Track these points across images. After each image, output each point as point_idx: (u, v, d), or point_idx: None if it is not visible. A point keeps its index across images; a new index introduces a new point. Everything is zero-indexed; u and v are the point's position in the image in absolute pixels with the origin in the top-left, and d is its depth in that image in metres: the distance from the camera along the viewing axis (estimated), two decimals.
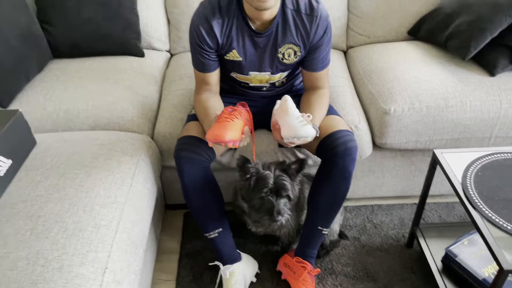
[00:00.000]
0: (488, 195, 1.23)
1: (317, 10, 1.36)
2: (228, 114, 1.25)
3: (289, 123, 1.27)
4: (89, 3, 1.84)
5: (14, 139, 1.27)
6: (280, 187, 1.32)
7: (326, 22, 1.39)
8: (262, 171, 1.35)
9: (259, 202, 1.35)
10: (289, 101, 1.31)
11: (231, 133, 1.20)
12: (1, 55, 1.57)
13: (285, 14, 1.35)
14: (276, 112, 1.35)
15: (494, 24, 1.65)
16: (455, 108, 1.59)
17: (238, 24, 1.35)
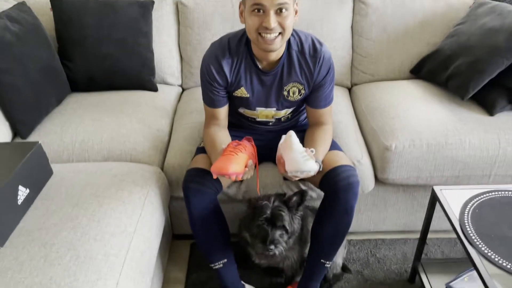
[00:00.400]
0: (485, 232, 1.26)
1: (320, 52, 1.44)
2: (233, 148, 1.32)
3: (293, 158, 1.33)
4: (108, 41, 1.96)
5: (32, 169, 1.34)
6: (276, 218, 1.38)
7: (329, 63, 1.47)
8: (262, 202, 1.41)
9: (256, 231, 1.41)
10: (293, 136, 1.37)
11: (235, 166, 1.26)
12: (23, 89, 1.67)
13: (290, 55, 1.44)
14: (281, 147, 1.42)
15: (493, 66, 1.72)
16: (455, 146, 1.64)
17: (246, 64, 1.44)
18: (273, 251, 1.36)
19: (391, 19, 2.10)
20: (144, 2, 2.03)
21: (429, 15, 2.10)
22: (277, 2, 1.24)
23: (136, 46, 1.99)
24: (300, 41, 1.44)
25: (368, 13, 2.11)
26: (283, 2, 1.25)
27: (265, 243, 1.36)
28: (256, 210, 1.40)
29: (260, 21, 1.27)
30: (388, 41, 2.12)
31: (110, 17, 1.97)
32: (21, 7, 1.86)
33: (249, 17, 1.30)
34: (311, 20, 2.09)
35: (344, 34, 2.14)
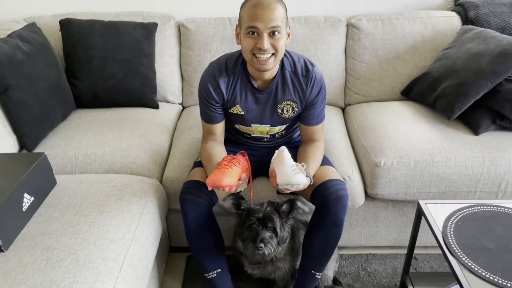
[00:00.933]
0: (466, 243, 1.32)
1: (312, 72, 1.53)
2: (227, 162, 1.40)
3: (284, 171, 1.40)
4: (112, 61, 2.07)
5: (37, 178, 1.42)
6: (267, 219, 1.45)
7: (321, 83, 1.56)
8: (254, 208, 1.49)
9: (247, 233, 1.48)
10: (285, 151, 1.45)
11: (228, 179, 1.34)
12: (31, 105, 1.76)
13: (284, 75, 1.53)
14: (273, 161, 1.49)
15: (477, 88, 1.81)
16: (441, 164, 1.71)
17: (242, 82, 1.53)
18: (262, 249, 1.42)
19: (383, 44, 2.21)
20: (148, 24, 2.15)
21: (419, 40, 2.20)
22: (270, 25, 1.34)
23: (139, 66, 2.09)
24: (293, 62, 1.54)
25: (361, 38, 2.21)
26: (276, 26, 1.35)
27: (255, 242, 1.42)
28: (248, 213, 1.47)
29: (254, 43, 1.37)
30: (380, 64, 2.22)
31: (115, 39, 2.08)
32: (31, 28, 1.97)
33: (244, 39, 1.39)
34: (307, 44, 2.20)
35: (338, 57, 2.24)
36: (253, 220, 1.45)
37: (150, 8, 2.30)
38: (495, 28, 2.13)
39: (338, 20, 2.23)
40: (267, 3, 1.34)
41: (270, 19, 1.33)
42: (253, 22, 1.34)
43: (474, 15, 2.18)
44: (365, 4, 2.36)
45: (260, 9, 1.33)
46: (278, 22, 1.35)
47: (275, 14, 1.33)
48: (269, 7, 1.33)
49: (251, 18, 1.34)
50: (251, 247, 1.44)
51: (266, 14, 1.33)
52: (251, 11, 1.34)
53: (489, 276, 1.21)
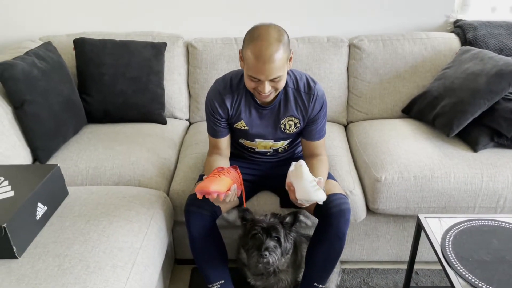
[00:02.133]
0: (464, 256, 1.36)
1: (314, 89, 1.59)
2: (216, 172, 1.44)
3: (304, 187, 1.42)
4: (123, 78, 2.15)
5: (51, 189, 1.48)
6: (271, 228, 1.49)
7: (322, 100, 1.62)
8: (259, 218, 1.53)
9: (251, 242, 1.51)
10: (304, 166, 1.47)
11: (216, 186, 1.36)
12: (45, 119, 1.84)
13: (287, 92, 1.59)
14: (291, 174, 1.51)
15: (475, 107, 1.87)
16: (440, 179, 1.76)
17: (246, 99, 1.60)
18: (267, 258, 1.46)
19: (384, 63, 2.28)
20: (158, 44, 2.24)
21: (419, 60, 2.28)
22: (271, 78, 1.40)
23: (148, 83, 2.18)
24: (296, 80, 1.60)
25: (363, 57, 2.29)
26: (276, 77, 1.40)
27: (260, 250, 1.46)
28: (253, 223, 1.52)
29: (256, 85, 1.44)
30: (381, 83, 2.29)
31: (126, 57, 2.17)
32: (47, 46, 2.07)
33: (246, 78, 1.45)
34: (310, 63, 2.28)
35: (341, 75, 2.32)
36: (257, 230, 1.49)
37: (160, 28, 2.40)
38: (493, 49, 2.20)
39: (341, 40, 2.32)
40: (268, 55, 1.35)
41: (271, 73, 1.38)
42: (255, 74, 1.39)
43: (473, 36, 2.26)
44: (367, 25, 2.45)
45: (262, 63, 1.36)
46: (279, 72, 1.39)
47: (276, 66, 1.37)
48: (270, 60, 1.35)
49: (253, 69, 1.39)
50: (256, 256, 1.48)
51: (267, 68, 1.37)
52: (253, 63, 1.37)
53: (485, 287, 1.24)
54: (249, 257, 1.54)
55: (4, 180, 1.43)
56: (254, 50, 1.37)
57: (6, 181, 1.43)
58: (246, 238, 1.54)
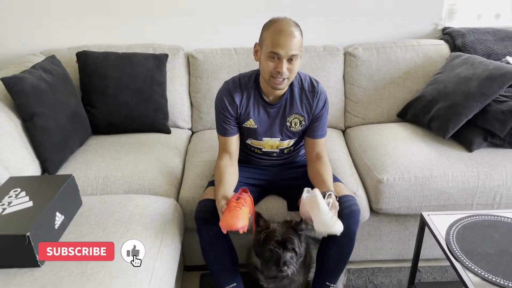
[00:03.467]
0: (468, 249, 1.43)
1: (317, 87, 1.70)
2: (236, 203, 1.48)
3: (323, 221, 1.45)
4: (126, 89, 2.19)
5: (67, 198, 1.51)
6: (286, 240, 1.53)
7: (325, 97, 1.72)
8: (271, 226, 1.57)
9: (268, 255, 1.55)
10: (319, 197, 1.48)
11: (242, 222, 1.43)
12: (54, 131, 1.87)
13: (292, 91, 1.68)
14: (306, 203, 1.53)
15: (468, 109, 1.96)
16: (439, 178, 1.84)
17: (254, 98, 1.67)
18: (286, 271, 1.51)
19: (378, 70, 2.38)
20: (159, 55, 2.30)
21: (411, 66, 2.38)
22: (290, 53, 1.50)
23: (151, 94, 2.22)
24: (300, 79, 1.70)
25: (358, 65, 2.38)
26: (294, 54, 1.51)
27: (279, 265, 1.50)
28: (267, 235, 1.56)
29: (274, 66, 1.52)
30: (376, 88, 2.38)
31: (129, 69, 2.22)
32: (52, 60, 2.10)
33: (265, 60, 1.54)
34: (308, 71, 2.29)
35: (337, 83, 2.40)
36: (273, 244, 1.53)
37: (160, 40, 2.45)
38: (481, 54, 2.31)
39: (336, 49, 2.41)
40: (289, 31, 1.49)
41: (291, 47, 1.49)
42: (276, 49, 1.49)
43: (461, 43, 2.37)
44: (361, 34, 2.55)
45: (284, 36, 1.48)
46: (297, 50, 1.51)
47: (295, 42, 1.49)
48: (292, 35, 1.49)
49: (274, 44, 1.49)
50: (275, 270, 1.51)
51: (288, 42, 1.48)
52: (275, 37, 1.49)
53: (492, 278, 1.32)
54: (267, 268, 1.56)
55: (21, 191, 1.46)
56: (276, 27, 1.51)
57: (23, 192, 1.46)
58: (263, 249, 1.56)
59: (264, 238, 1.57)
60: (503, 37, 2.39)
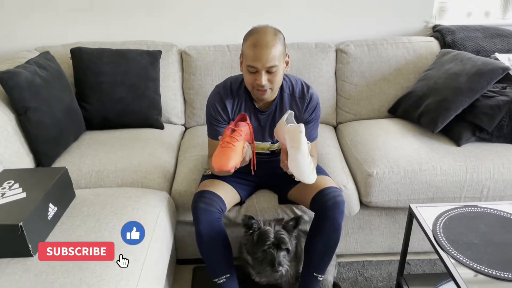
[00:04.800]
0: (454, 239, 1.46)
1: (307, 94, 1.70)
2: (229, 138, 1.46)
3: (300, 166, 1.44)
4: (121, 85, 2.21)
5: (60, 190, 1.53)
6: (280, 241, 1.56)
7: (315, 103, 1.72)
8: (263, 227, 1.59)
9: (262, 255, 1.58)
10: (303, 134, 1.46)
11: (233, 161, 1.41)
12: (48, 126, 1.89)
13: (283, 97, 1.69)
14: (288, 131, 1.48)
15: (457, 104, 2.00)
16: (428, 172, 1.87)
17: (246, 104, 1.69)
18: (281, 271, 1.54)
19: (369, 67, 2.41)
20: (153, 52, 2.32)
21: (402, 63, 2.41)
22: (267, 66, 1.50)
23: (145, 90, 2.25)
24: (291, 85, 1.71)
25: (349, 62, 2.41)
26: (272, 65, 1.51)
27: (273, 266, 1.53)
28: (260, 236, 1.58)
29: (254, 79, 1.54)
30: (368, 85, 2.41)
31: (123, 65, 2.24)
32: (46, 56, 2.12)
33: (246, 73, 1.57)
34: (300, 68, 2.39)
35: (329, 79, 2.43)
36: (268, 245, 1.55)
37: (154, 37, 2.47)
38: (471, 51, 2.35)
39: (328, 46, 2.44)
40: (265, 42, 1.48)
41: (268, 60, 1.49)
42: (252, 62, 1.50)
43: (451, 39, 2.41)
44: (352, 31, 2.58)
45: (259, 49, 1.48)
46: (275, 61, 1.50)
47: (272, 54, 1.49)
48: (267, 46, 1.48)
49: (251, 57, 1.50)
50: (269, 270, 1.55)
51: (264, 54, 1.48)
52: (251, 51, 1.50)
53: (476, 266, 1.35)
54: (260, 268, 1.58)
55: (14, 183, 1.48)
56: (252, 40, 1.50)
57: (16, 184, 1.48)
58: (255, 249, 1.58)
59: (257, 239, 1.59)
60: (492, 34, 2.42)
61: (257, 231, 1.60)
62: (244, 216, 1.64)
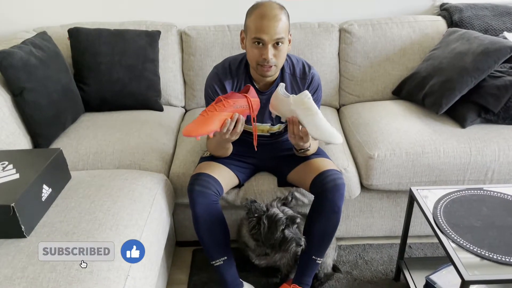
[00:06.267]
0: (455, 222, 1.43)
1: (308, 74, 1.66)
2: (210, 107, 1.44)
3: (327, 129, 1.45)
4: (119, 66, 2.18)
5: (54, 171, 1.51)
6: (291, 218, 1.52)
7: (316, 84, 1.68)
8: (271, 210, 1.53)
9: (280, 237, 1.51)
10: (312, 101, 1.47)
11: (201, 130, 1.39)
12: (45, 107, 1.87)
13: (284, 77, 1.65)
14: (293, 103, 1.48)
15: (462, 85, 1.94)
16: (431, 154, 1.83)
17: (245, 84, 1.64)
18: (304, 242, 1.51)
19: (374, 47, 2.34)
20: (152, 32, 2.28)
21: (407, 42, 2.34)
22: (275, 38, 1.46)
23: (144, 71, 2.21)
24: (292, 65, 1.66)
25: (353, 42, 2.35)
26: (280, 37, 1.47)
27: (299, 243, 1.50)
28: (270, 220, 1.51)
29: (260, 53, 1.49)
30: (372, 66, 2.35)
31: (121, 46, 2.20)
32: (43, 36, 2.09)
33: (250, 48, 1.51)
34: (303, 48, 2.33)
35: (332, 60, 2.37)
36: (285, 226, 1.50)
37: (153, 17, 2.43)
38: (478, 30, 2.27)
39: (331, 25, 2.37)
40: (273, 14, 1.45)
41: (276, 31, 1.45)
42: (259, 34, 1.45)
43: (459, 18, 2.33)
44: (356, 10, 2.51)
45: (267, 20, 1.44)
46: (282, 33, 1.46)
47: (280, 26, 1.45)
48: (275, 18, 1.45)
49: (258, 29, 1.45)
50: (294, 247, 1.50)
51: (272, 26, 1.44)
52: (258, 23, 1.45)
53: (476, 250, 1.32)
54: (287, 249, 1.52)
55: (8, 164, 1.46)
56: (259, 12, 1.46)
57: (10, 165, 1.46)
58: (268, 234, 1.52)
59: (268, 225, 1.52)
60: (501, 12, 2.34)
61: (264, 215, 1.55)
62: (246, 200, 1.59)
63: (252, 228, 1.58)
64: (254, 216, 1.56)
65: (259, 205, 1.57)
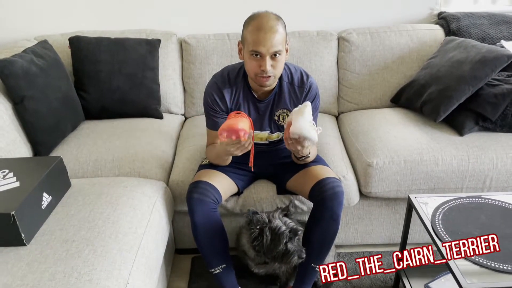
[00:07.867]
0: (453, 230, 1.44)
1: (306, 83, 1.67)
2: (235, 114, 1.46)
3: (300, 123, 1.44)
4: (119, 74, 2.20)
5: (54, 179, 1.52)
6: (294, 231, 1.54)
7: (314, 92, 1.69)
8: (273, 222, 1.54)
9: (283, 250, 1.52)
10: (308, 107, 1.48)
11: (242, 124, 1.40)
12: (45, 115, 1.88)
13: (282, 86, 1.66)
14: (293, 112, 1.50)
15: (460, 93, 1.95)
16: (429, 162, 1.84)
17: (244, 93, 1.66)
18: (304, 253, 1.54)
19: (372, 55, 2.36)
20: (152, 40, 2.30)
21: (405, 51, 2.36)
22: (272, 50, 1.47)
23: (144, 79, 2.23)
24: (290, 74, 1.68)
25: (351, 50, 2.37)
26: (277, 50, 1.48)
27: (300, 256, 1.53)
28: (273, 232, 1.52)
29: (257, 65, 1.50)
30: (370, 74, 2.37)
31: (121, 54, 2.22)
32: (43, 44, 2.11)
33: (248, 60, 1.53)
34: (301, 56, 2.35)
35: (331, 68, 2.39)
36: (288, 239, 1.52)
37: (153, 26, 2.45)
38: (476, 38, 2.29)
39: (330, 34, 2.39)
40: (269, 26, 1.46)
41: (272, 44, 1.46)
42: (257, 47, 1.46)
43: (456, 27, 2.35)
44: (354, 19, 2.53)
45: (263, 33, 1.45)
46: (279, 46, 1.47)
47: (276, 38, 1.46)
48: (271, 30, 1.45)
49: (255, 42, 1.46)
50: (297, 259, 1.53)
51: (269, 38, 1.45)
52: (255, 35, 1.46)
53: (475, 258, 1.32)
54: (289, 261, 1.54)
55: (9, 172, 1.47)
56: (256, 24, 1.47)
57: (11, 173, 1.47)
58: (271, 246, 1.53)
59: (271, 237, 1.53)
60: (498, 21, 2.36)
61: (266, 226, 1.54)
62: (248, 211, 1.59)
63: (254, 240, 1.58)
64: (256, 228, 1.56)
65: (261, 216, 1.56)
